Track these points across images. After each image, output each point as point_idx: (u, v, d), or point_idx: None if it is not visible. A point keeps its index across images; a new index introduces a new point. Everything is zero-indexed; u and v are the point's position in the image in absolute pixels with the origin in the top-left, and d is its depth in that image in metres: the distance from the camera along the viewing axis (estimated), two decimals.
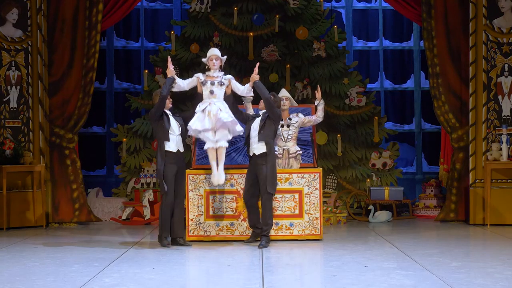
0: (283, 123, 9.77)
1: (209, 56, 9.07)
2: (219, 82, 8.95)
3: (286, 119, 9.80)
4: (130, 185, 12.34)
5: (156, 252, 8.56)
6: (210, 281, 7.04)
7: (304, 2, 12.75)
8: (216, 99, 8.90)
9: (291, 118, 9.83)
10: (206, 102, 8.91)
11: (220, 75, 9.02)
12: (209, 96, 8.91)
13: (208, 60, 9.07)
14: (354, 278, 6.86)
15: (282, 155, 9.73)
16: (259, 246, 8.85)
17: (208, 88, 8.93)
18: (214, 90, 8.89)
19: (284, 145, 9.77)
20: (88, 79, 11.52)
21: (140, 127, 12.53)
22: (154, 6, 13.79)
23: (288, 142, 9.78)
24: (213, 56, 9.05)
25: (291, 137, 9.80)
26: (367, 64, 13.86)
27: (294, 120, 9.83)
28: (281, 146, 9.74)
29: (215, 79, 8.96)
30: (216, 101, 8.88)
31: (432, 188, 12.22)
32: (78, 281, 6.78)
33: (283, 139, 9.77)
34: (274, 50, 12.65)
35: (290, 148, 9.77)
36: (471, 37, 11.15)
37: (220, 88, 8.95)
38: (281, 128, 9.76)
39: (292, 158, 9.76)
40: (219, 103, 8.89)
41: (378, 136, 12.56)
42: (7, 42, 11.16)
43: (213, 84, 8.92)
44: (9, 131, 11.13)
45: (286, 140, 9.78)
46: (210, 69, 9.04)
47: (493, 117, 11.09)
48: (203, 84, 8.98)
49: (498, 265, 7.46)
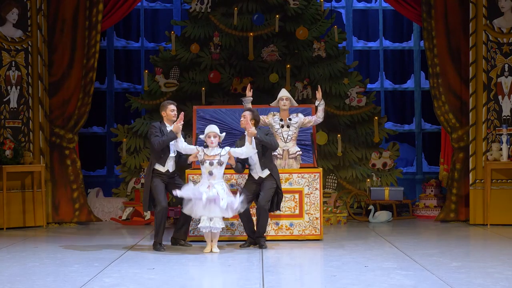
0: (283, 123, 9.72)
1: (207, 133, 8.72)
2: (218, 162, 8.57)
3: (286, 119, 9.74)
4: (130, 185, 12.34)
5: (156, 252, 8.56)
6: (210, 281, 7.04)
7: (304, 2, 12.75)
8: (216, 180, 8.56)
9: (291, 119, 9.75)
10: (205, 183, 8.55)
11: (218, 153, 8.62)
12: (208, 177, 8.58)
13: (206, 138, 8.74)
14: (354, 278, 6.86)
15: (282, 155, 9.70)
16: (261, 247, 8.81)
17: (207, 168, 8.61)
18: (213, 172, 8.55)
19: (284, 146, 9.70)
20: (88, 79, 11.52)
21: (140, 127, 12.52)
22: (154, 6, 13.78)
23: (288, 143, 9.72)
24: (211, 133, 8.68)
25: (291, 138, 9.73)
26: (367, 64, 13.85)
27: (294, 120, 9.75)
28: (280, 147, 9.65)
29: (214, 158, 8.59)
30: (215, 183, 8.53)
31: (432, 188, 12.22)
32: (78, 281, 6.78)
33: (283, 140, 9.70)
34: (274, 50, 12.65)
35: (290, 149, 9.71)
36: (471, 37, 11.14)
37: (219, 168, 8.60)
38: (281, 129, 9.71)
39: (292, 158, 9.73)
40: (218, 185, 8.54)
41: (378, 136, 12.55)
42: (7, 42, 11.16)
43: (212, 164, 8.58)
44: (9, 131, 11.13)
45: (286, 141, 9.72)
46: (208, 146, 8.71)
47: (493, 117, 11.09)
48: (201, 163, 8.65)
49: (498, 265, 7.46)
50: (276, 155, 9.56)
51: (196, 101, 12.42)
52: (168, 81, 12.57)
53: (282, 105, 9.69)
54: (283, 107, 9.70)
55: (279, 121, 9.73)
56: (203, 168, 8.65)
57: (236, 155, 8.72)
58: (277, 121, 9.73)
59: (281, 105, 9.72)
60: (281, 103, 9.70)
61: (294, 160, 9.73)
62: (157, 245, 8.78)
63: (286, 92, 9.83)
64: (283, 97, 9.74)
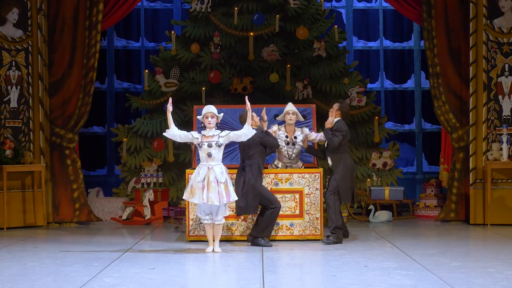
0: (288, 141, 9.54)
1: (205, 113, 8.59)
2: (217, 143, 8.50)
3: (291, 136, 9.54)
4: (130, 185, 12.34)
5: (156, 252, 8.57)
6: (210, 281, 7.04)
7: (305, 2, 12.75)
8: (214, 162, 8.52)
9: (296, 137, 9.56)
10: (204, 166, 8.53)
11: (217, 134, 8.54)
12: (206, 159, 8.53)
13: (203, 118, 8.61)
14: (354, 278, 6.86)
15: None
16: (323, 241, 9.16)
17: (205, 150, 8.53)
18: (212, 153, 8.50)
19: (288, 162, 9.58)
20: (89, 79, 11.53)
21: (141, 127, 12.52)
22: (154, 6, 13.78)
23: (292, 160, 9.59)
24: (209, 114, 8.55)
25: (295, 155, 9.60)
26: (367, 64, 13.86)
27: (300, 138, 9.56)
28: (284, 163, 9.58)
29: (212, 139, 8.51)
30: (214, 165, 8.50)
31: (433, 188, 12.22)
32: (78, 281, 6.78)
33: (287, 157, 9.56)
34: (274, 50, 12.65)
35: (293, 165, 9.60)
36: (472, 37, 11.14)
37: (218, 150, 8.53)
38: (286, 146, 9.52)
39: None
40: (217, 167, 8.52)
41: (379, 136, 12.56)
42: (7, 42, 11.16)
43: (210, 146, 8.50)
44: (10, 131, 11.13)
45: (290, 158, 9.57)
46: (206, 127, 8.61)
47: (493, 117, 11.09)
48: (199, 146, 8.57)
49: (498, 265, 7.46)
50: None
51: (196, 101, 12.41)
52: (168, 81, 12.57)
53: (288, 119, 9.52)
54: (289, 122, 9.52)
55: (284, 138, 9.54)
56: (201, 151, 8.55)
57: (235, 136, 8.63)
58: (283, 138, 9.54)
59: (287, 119, 9.53)
60: (287, 118, 9.52)
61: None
62: (261, 240, 8.96)
63: (292, 106, 9.60)
64: (290, 111, 9.53)
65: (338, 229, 9.18)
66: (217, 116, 8.61)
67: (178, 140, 8.79)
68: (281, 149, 9.53)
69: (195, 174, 8.58)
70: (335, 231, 9.15)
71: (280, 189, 9.41)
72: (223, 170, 8.56)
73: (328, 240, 9.12)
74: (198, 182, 8.46)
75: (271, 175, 9.45)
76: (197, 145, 8.63)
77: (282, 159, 9.59)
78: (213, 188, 8.41)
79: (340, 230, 9.22)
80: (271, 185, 9.42)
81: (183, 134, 8.64)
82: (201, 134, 8.60)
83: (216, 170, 8.49)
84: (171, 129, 8.59)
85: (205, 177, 8.46)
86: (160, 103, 12.53)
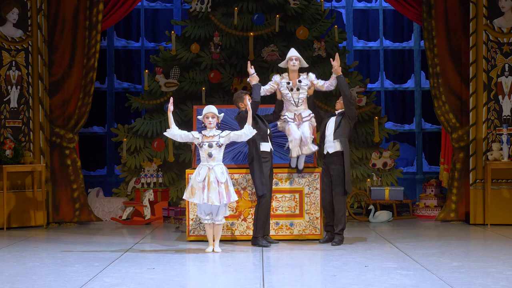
0: (292, 87, 9.13)
1: (205, 114, 8.57)
2: (217, 143, 8.49)
3: (295, 81, 9.13)
4: (130, 185, 12.34)
5: (156, 252, 8.57)
6: (210, 281, 7.04)
7: (305, 2, 12.76)
8: (215, 162, 8.50)
9: (301, 80, 9.15)
10: (205, 166, 8.53)
11: (217, 134, 8.53)
12: (207, 159, 8.52)
13: (204, 118, 8.59)
14: (354, 278, 6.86)
15: (293, 119, 9.15)
16: (332, 244, 9.02)
17: (206, 150, 8.50)
18: (212, 153, 8.48)
19: (295, 110, 9.14)
20: (89, 79, 11.53)
21: (141, 127, 12.53)
22: (154, 6, 13.79)
23: (299, 106, 9.15)
24: (209, 114, 8.53)
25: (302, 101, 9.17)
26: (367, 64, 13.86)
27: (304, 82, 9.15)
28: (291, 111, 9.15)
29: (213, 139, 8.50)
30: (215, 165, 8.49)
31: (433, 188, 12.22)
32: (79, 281, 6.78)
33: (293, 104, 9.13)
34: (274, 50, 12.65)
35: (302, 112, 9.15)
36: (472, 37, 11.14)
37: (218, 150, 8.52)
38: (291, 92, 9.11)
39: (307, 121, 9.15)
40: (218, 167, 8.50)
41: (379, 136, 12.56)
42: (7, 42, 11.16)
43: (211, 146, 8.48)
44: (10, 131, 11.13)
45: (297, 105, 9.13)
46: (206, 127, 8.60)
47: (493, 117, 11.09)
48: (200, 146, 8.55)
49: (498, 265, 7.46)
50: (287, 119, 9.12)
51: (196, 101, 12.42)
52: (169, 81, 12.57)
53: (291, 65, 9.11)
54: (292, 68, 9.11)
55: (286, 85, 9.15)
56: (202, 151, 8.54)
57: (235, 137, 8.62)
58: (285, 85, 9.16)
59: (290, 65, 9.14)
60: (290, 64, 9.13)
61: (309, 123, 9.16)
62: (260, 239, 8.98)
63: (295, 52, 9.21)
64: (293, 57, 9.14)
65: (344, 230, 9.26)
66: (218, 116, 8.60)
67: (178, 140, 8.78)
68: (286, 96, 9.14)
69: (195, 174, 8.58)
70: (341, 232, 9.18)
71: (280, 189, 9.41)
72: (223, 170, 8.56)
73: (335, 242, 9.09)
74: (199, 182, 8.47)
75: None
76: (197, 145, 8.63)
77: (289, 108, 9.16)
78: (213, 188, 8.41)
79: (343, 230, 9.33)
80: None
81: (183, 134, 8.63)
82: (202, 134, 8.59)
83: (216, 170, 8.49)
84: (172, 129, 8.60)
85: (206, 177, 8.46)
86: (160, 103, 12.54)
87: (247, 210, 9.44)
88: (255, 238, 9.02)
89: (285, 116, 9.18)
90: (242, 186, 9.40)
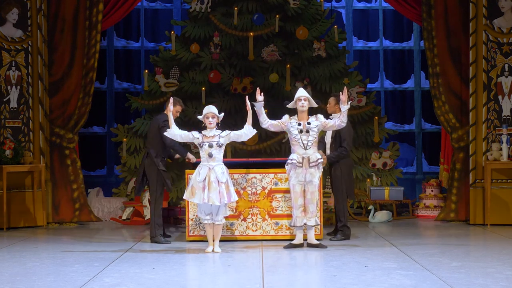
0: (301, 128, 8.67)
1: (205, 114, 8.55)
2: (217, 143, 8.47)
3: (304, 123, 8.68)
4: (130, 185, 12.34)
5: (156, 252, 8.57)
6: (210, 281, 7.04)
7: (304, 2, 12.75)
8: (215, 162, 8.49)
9: (310, 122, 8.70)
10: (205, 166, 8.52)
11: (217, 134, 8.52)
12: (207, 159, 8.51)
13: (204, 118, 8.58)
14: (354, 278, 6.86)
15: (301, 164, 8.67)
16: (331, 239, 9.36)
17: (206, 150, 8.49)
18: (213, 154, 8.46)
19: (304, 153, 8.66)
20: (89, 79, 11.53)
21: (140, 127, 12.52)
22: (154, 6, 13.79)
23: (308, 150, 8.68)
24: (210, 114, 8.52)
25: (312, 144, 8.71)
26: (367, 64, 13.86)
27: (314, 124, 8.70)
28: (300, 154, 8.68)
29: (213, 139, 8.49)
30: (215, 165, 8.49)
31: (432, 188, 12.22)
32: (79, 281, 6.78)
33: (302, 147, 8.67)
34: (274, 50, 12.65)
35: (310, 156, 8.68)
36: (471, 37, 11.15)
37: (219, 150, 8.50)
38: (300, 134, 8.67)
39: (314, 167, 8.72)
40: (218, 167, 8.50)
41: (378, 136, 12.56)
42: (7, 42, 11.17)
43: (211, 146, 8.47)
44: (9, 131, 11.13)
45: (306, 147, 8.66)
46: (207, 127, 8.57)
47: (493, 117, 11.09)
48: (200, 146, 8.54)
49: (498, 265, 7.46)
50: (295, 163, 8.68)
51: (196, 101, 12.42)
52: (168, 81, 12.57)
53: (300, 106, 8.70)
54: (301, 108, 8.70)
55: (297, 126, 8.71)
56: (202, 151, 8.54)
57: (236, 136, 8.64)
58: (295, 126, 8.71)
59: (299, 106, 8.72)
60: (299, 104, 8.71)
61: (316, 168, 8.74)
62: (159, 237, 9.22)
63: (304, 92, 8.80)
64: (301, 97, 8.71)
65: (346, 227, 9.44)
66: (218, 116, 8.60)
67: (178, 140, 8.79)
68: (294, 138, 8.70)
69: (195, 174, 8.59)
70: (343, 228, 9.40)
71: (280, 189, 9.41)
72: (224, 170, 8.56)
73: (336, 237, 9.37)
74: (199, 182, 8.47)
75: (271, 174, 9.45)
76: (197, 145, 8.63)
77: (297, 150, 8.70)
78: (214, 188, 8.42)
79: (348, 228, 9.51)
80: (271, 185, 9.43)
81: (183, 134, 8.64)
82: (202, 134, 8.59)
83: (217, 170, 8.49)
84: (172, 129, 8.61)
85: (206, 177, 8.46)
86: (160, 103, 12.53)
87: (247, 210, 9.44)
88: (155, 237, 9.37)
89: (292, 159, 8.73)
90: (242, 186, 9.40)
